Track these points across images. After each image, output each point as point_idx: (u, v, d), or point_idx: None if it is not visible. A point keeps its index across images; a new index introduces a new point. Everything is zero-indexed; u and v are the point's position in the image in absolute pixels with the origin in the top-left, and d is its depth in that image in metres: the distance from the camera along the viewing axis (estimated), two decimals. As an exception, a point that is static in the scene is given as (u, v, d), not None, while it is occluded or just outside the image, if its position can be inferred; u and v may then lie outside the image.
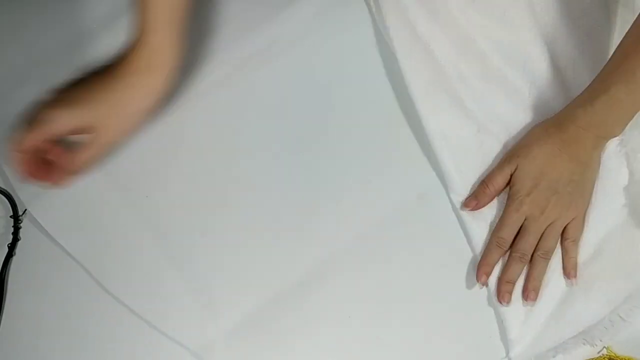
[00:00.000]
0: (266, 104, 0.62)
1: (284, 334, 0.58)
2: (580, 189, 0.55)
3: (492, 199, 0.56)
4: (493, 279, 0.56)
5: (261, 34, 0.62)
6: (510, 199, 0.55)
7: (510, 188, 0.56)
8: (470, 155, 0.58)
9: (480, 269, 0.55)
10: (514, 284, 0.55)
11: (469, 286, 0.57)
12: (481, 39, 0.59)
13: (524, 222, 0.54)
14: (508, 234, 0.55)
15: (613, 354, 0.54)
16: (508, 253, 0.56)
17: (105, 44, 0.64)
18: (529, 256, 0.54)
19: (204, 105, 0.63)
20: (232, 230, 0.60)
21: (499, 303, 0.54)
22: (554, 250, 0.55)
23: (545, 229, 0.54)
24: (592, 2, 0.57)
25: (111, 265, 0.60)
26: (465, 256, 0.58)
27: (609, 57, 0.57)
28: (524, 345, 0.53)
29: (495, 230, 0.55)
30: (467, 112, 0.58)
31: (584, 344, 0.54)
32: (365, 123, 0.61)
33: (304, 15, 0.61)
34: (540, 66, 0.58)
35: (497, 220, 0.56)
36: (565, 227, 0.55)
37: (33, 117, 0.54)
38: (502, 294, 0.54)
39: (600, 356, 0.55)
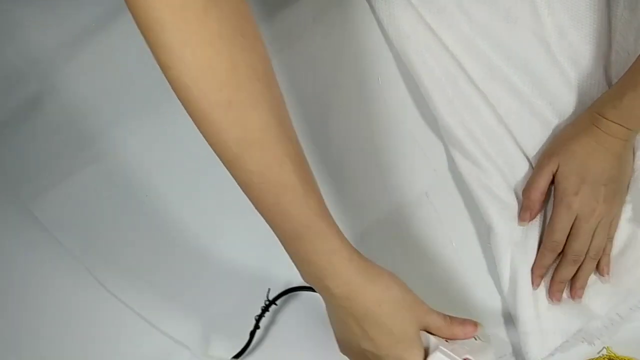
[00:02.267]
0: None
1: (284, 332, 0.58)
2: (619, 183, 0.54)
3: (541, 204, 0.56)
4: (507, 276, 0.56)
5: (261, 32, 0.62)
6: (558, 200, 0.54)
7: (555, 188, 0.55)
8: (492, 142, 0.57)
9: (534, 272, 0.55)
10: (566, 283, 0.55)
11: (470, 286, 0.58)
12: (484, 39, 0.58)
13: (575, 222, 0.53)
14: (561, 236, 0.54)
15: (613, 354, 0.54)
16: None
17: (104, 44, 0.64)
18: (584, 256, 0.54)
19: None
20: (232, 230, 0.60)
21: (518, 300, 0.54)
22: (605, 248, 0.55)
23: (596, 227, 0.54)
24: (595, 4, 0.57)
25: (111, 263, 0.61)
26: (466, 255, 0.58)
27: (610, 58, 0.57)
28: (535, 339, 0.54)
29: (548, 234, 0.54)
30: (474, 111, 0.58)
31: (582, 342, 0.55)
32: (365, 122, 0.61)
33: (304, 14, 0.61)
34: (543, 66, 0.58)
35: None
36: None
37: None
38: (554, 292, 0.55)
39: (600, 356, 0.55)
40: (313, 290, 0.47)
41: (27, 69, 0.64)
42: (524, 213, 0.56)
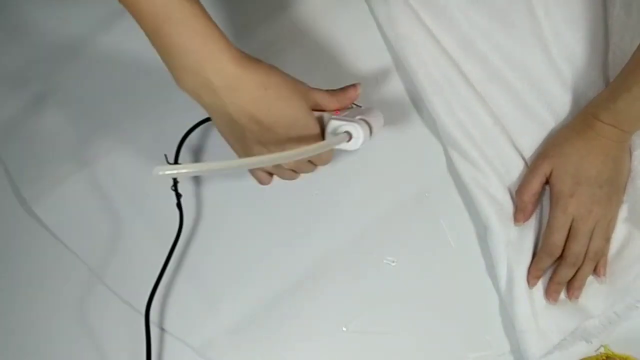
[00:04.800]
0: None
1: (284, 332, 0.58)
2: (615, 184, 0.55)
3: (534, 206, 0.56)
4: (504, 276, 0.56)
5: (261, 34, 0.62)
6: (554, 202, 0.55)
7: (550, 190, 0.56)
8: (489, 143, 0.58)
9: (531, 273, 0.55)
10: (564, 284, 0.55)
11: (469, 285, 0.58)
12: (482, 40, 0.59)
13: (572, 224, 0.54)
14: (558, 238, 0.54)
15: (610, 352, 0.55)
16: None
17: (107, 45, 0.65)
18: (582, 259, 0.54)
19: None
20: (233, 228, 0.61)
21: (515, 299, 0.55)
22: (603, 249, 0.55)
23: (594, 229, 0.54)
24: (591, 5, 0.57)
25: (113, 263, 0.61)
26: (465, 255, 0.59)
27: (607, 58, 0.57)
28: (533, 338, 0.54)
29: (546, 236, 0.55)
30: (471, 112, 0.58)
31: (580, 340, 0.55)
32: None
33: (304, 15, 0.62)
34: (540, 67, 0.58)
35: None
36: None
37: None
38: (551, 293, 0.55)
39: (597, 354, 0.55)
40: (206, 121, 0.46)
41: (29, 70, 0.64)
42: (518, 214, 0.56)
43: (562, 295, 0.56)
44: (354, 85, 0.50)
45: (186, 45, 0.40)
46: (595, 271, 0.56)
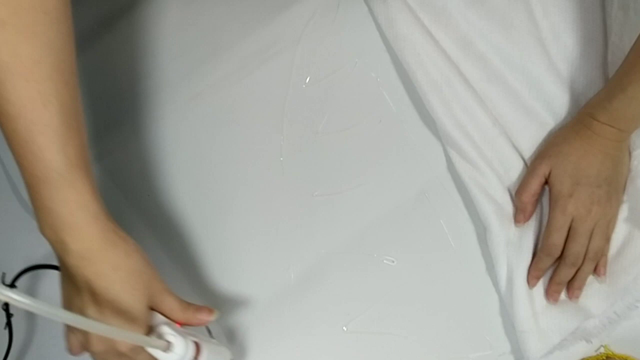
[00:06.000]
0: (266, 104, 0.62)
1: (283, 332, 0.58)
2: (615, 184, 0.55)
3: (534, 206, 0.56)
4: (504, 276, 0.56)
5: (261, 34, 0.62)
6: (553, 202, 0.55)
7: (550, 191, 0.56)
8: (488, 143, 0.58)
9: (531, 273, 0.55)
10: (564, 284, 0.55)
11: (468, 285, 0.58)
12: (481, 41, 0.59)
13: (571, 224, 0.54)
14: (558, 239, 0.54)
15: (611, 353, 0.55)
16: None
17: (107, 45, 0.65)
18: (582, 258, 0.54)
19: (204, 104, 0.63)
20: (233, 229, 0.61)
21: (515, 299, 0.55)
22: (603, 249, 0.55)
23: (593, 229, 0.54)
24: (589, 5, 0.57)
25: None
26: (465, 255, 0.59)
27: (607, 58, 0.57)
28: (533, 338, 0.54)
29: (545, 237, 0.55)
30: (470, 112, 0.58)
31: (580, 340, 0.55)
32: (364, 123, 0.61)
33: (304, 15, 0.62)
34: (539, 68, 0.58)
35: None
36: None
37: None
38: (552, 294, 0.55)
39: (598, 354, 0.55)
40: (54, 268, 0.45)
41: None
42: (518, 215, 0.56)
43: (563, 295, 0.56)
44: (210, 310, 0.48)
45: (55, 210, 0.40)
46: (595, 271, 0.56)
